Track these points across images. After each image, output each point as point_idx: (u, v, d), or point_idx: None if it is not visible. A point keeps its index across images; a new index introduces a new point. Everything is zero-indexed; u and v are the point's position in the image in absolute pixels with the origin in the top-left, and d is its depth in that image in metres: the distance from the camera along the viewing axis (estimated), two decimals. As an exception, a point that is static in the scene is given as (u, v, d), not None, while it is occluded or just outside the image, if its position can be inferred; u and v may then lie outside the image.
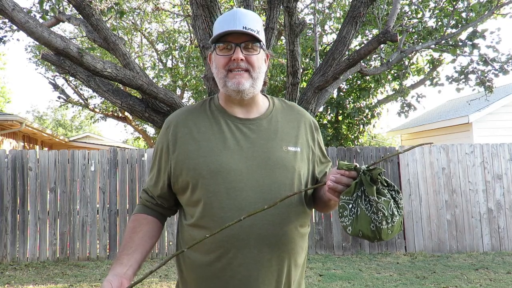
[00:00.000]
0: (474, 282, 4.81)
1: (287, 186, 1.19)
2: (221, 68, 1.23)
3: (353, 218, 1.10)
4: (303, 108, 1.69)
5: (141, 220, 1.29)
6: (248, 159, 1.19)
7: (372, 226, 1.09)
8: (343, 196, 1.11)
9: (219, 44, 1.23)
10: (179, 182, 1.23)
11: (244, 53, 1.21)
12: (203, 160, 1.20)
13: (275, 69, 9.61)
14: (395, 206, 1.11)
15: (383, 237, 1.09)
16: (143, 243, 1.23)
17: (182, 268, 1.27)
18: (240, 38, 1.21)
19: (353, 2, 3.81)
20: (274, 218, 1.17)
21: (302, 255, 1.26)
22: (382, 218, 1.08)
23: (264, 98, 1.35)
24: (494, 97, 9.92)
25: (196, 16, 3.49)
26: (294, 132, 1.29)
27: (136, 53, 12.82)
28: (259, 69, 1.24)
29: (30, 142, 12.20)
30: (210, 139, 1.23)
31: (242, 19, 1.21)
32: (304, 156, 1.26)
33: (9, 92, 26.15)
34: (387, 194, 1.09)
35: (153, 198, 1.31)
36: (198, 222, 1.19)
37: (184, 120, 1.28)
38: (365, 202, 1.09)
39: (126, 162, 6.20)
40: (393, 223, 1.09)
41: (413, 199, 6.49)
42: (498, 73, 5.98)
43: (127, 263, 1.16)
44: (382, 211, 1.07)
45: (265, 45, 1.29)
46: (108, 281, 1.09)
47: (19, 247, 5.84)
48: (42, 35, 3.04)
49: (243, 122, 1.26)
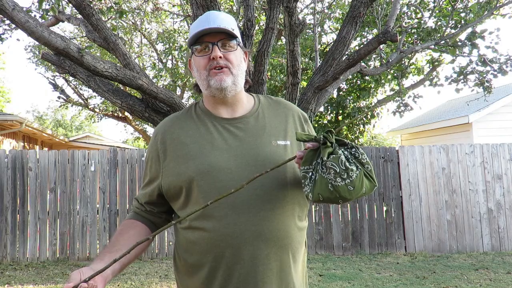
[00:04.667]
0: (474, 282, 4.82)
1: (280, 181, 1.19)
2: (202, 70, 1.24)
3: (312, 184, 1.10)
4: (303, 108, 1.69)
5: (129, 225, 1.29)
6: (238, 157, 1.19)
7: (329, 187, 1.07)
8: (302, 166, 1.11)
9: (196, 46, 1.25)
10: (171, 189, 1.23)
11: (222, 51, 1.22)
12: (192, 162, 1.20)
13: (275, 69, 9.61)
14: (352, 161, 1.08)
15: (345, 195, 1.07)
16: (129, 244, 1.16)
17: (180, 270, 1.27)
18: (216, 37, 1.22)
19: (353, 2, 3.81)
20: (269, 213, 1.16)
21: (301, 250, 1.25)
22: (335, 175, 1.06)
23: (248, 96, 1.35)
24: (494, 97, 9.93)
25: (196, 16, 3.49)
26: (282, 126, 1.29)
27: (136, 53, 12.82)
28: (238, 66, 1.25)
29: (30, 142, 12.20)
30: (198, 141, 1.23)
31: (215, 19, 1.23)
32: (294, 148, 1.25)
33: (8, 92, 26.14)
34: (340, 152, 1.08)
35: (142, 205, 1.32)
36: (193, 224, 1.19)
37: (171, 127, 1.29)
38: (322, 166, 1.08)
39: (126, 162, 6.20)
40: (350, 178, 1.06)
41: (413, 199, 6.49)
42: (497, 74, 5.98)
43: (108, 261, 1.09)
44: (333, 168, 1.06)
45: (242, 43, 1.30)
46: (79, 271, 1.03)
47: (19, 247, 5.83)
48: (42, 34, 3.04)
49: (229, 122, 1.26)
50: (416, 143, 12.12)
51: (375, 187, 1.13)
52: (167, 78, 12.52)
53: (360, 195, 1.09)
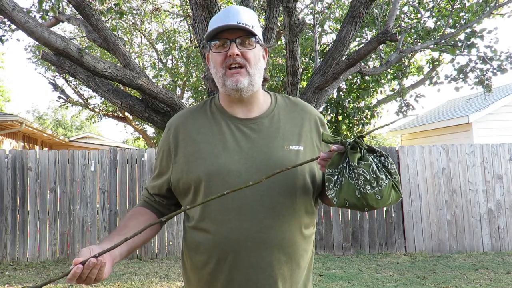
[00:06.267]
0: (474, 282, 4.82)
1: (288, 188, 1.16)
2: (219, 67, 1.21)
3: (338, 188, 1.07)
4: None
5: (139, 211, 1.29)
6: (248, 160, 1.17)
7: (357, 193, 1.04)
8: (328, 169, 1.08)
9: (214, 41, 1.21)
10: (180, 185, 1.23)
11: (240, 48, 1.19)
12: (202, 162, 1.19)
13: (275, 69, 9.61)
14: (381, 169, 1.06)
15: (372, 203, 1.04)
16: (138, 229, 1.20)
17: (186, 268, 1.27)
18: (235, 34, 1.19)
19: (353, 2, 3.81)
20: (274, 221, 1.14)
21: (306, 257, 1.23)
22: (365, 183, 1.03)
23: (266, 95, 1.32)
24: (494, 97, 9.93)
25: (196, 16, 3.49)
26: (297, 130, 1.25)
27: (136, 53, 12.82)
28: (255, 64, 1.22)
29: (30, 142, 12.20)
30: (210, 140, 1.21)
31: (236, 14, 1.19)
32: (307, 154, 1.22)
33: (8, 92, 26.15)
34: (370, 158, 1.05)
35: (152, 196, 1.32)
36: (198, 225, 1.19)
37: (184, 122, 1.28)
38: (349, 171, 1.06)
39: (126, 162, 6.20)
40: (379, 187, 1.03)
41: (413, 199, 6.49)
42: (497, 71, 5.97)
43: (117, 242, 1.11)
44: (363, 175, 1.03)
45: (262, 41, 1.27)
46: (89, 248, 1.03)
47: (19, 247, 5.84)
48: (42, 35, 3.04)
49: (243, 123, 1.24)
50: (416, 143, 12.12)
51: (400, 198, 1.10)
52: (167, 78, 12.52)
53: (386, 204, 1.06)
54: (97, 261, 0.98)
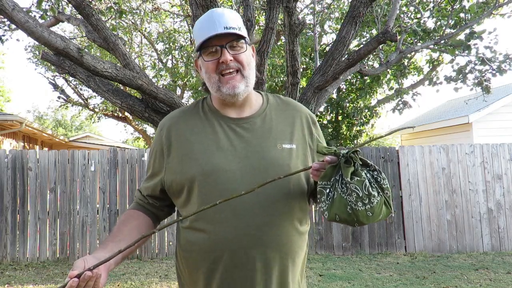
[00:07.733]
0: (474, 282, 4.81)
1: (283, 187, 1.17)
2: (212, 73, 1.21)
3: (329, 202, 1.07)
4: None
5: (132, 215, 1.29)
6: (242, 160, 1.18)
7: (348, 209, 1.04)
8: (320, 181, 1.08)
9: (204, 50, 1.21)
10: (173, 186, 1.23)
11: (232, 53, 1.19)
12: (196, 162, 1.19)
13: (275, 69, 9.61)
14: (374, 186, 1.05)
15: (362, 220, 1.05)
16: (132, 235, 1.19)
17: (181, 268, 1.27)
18: (223, 39, 1.18)
19: (353, 2, 3.81)
20: (269, 219, 1.15)
21: (301, 253, 1.24)
22: (357, 199, 1.03)
23: (257, 95, 1.33)
24: (494, 97, 9.93)
25: (196, 16, 3.49)
26: (289, 129, 1.26)
27: (136, 53, 12.82)
28: (249, 65, 1.22)
29: (30, 142, 12.20)
30: (203, 141, 1.21)
31: (220, 19, 1.18)
32: (299, 153, 1.23)
33: (8, 92, 26.14)
34: (363, 174, 1.04)
35: (145, 198, 1.32)
36: (193, 225, 1.19)
37: (177, 122, 1.28)
38: (342, 185, 1.05)
39: (126, 162, 6.20)
40: (371, 204, 1.04)
41: (413, 199, 6.49)
42: (496, 73, 5.97)
43: (111, 250, 1.10)
44: (355, 191, 1.03)
45: (249, 39, 1.26)
46: (83, 259, 1.03)
47: (19, 247, 5.83)
48: (42, 35, 3.04)
49: (236, 122, 1.24)
50: (416, 143, 12.12)
51: (391, 213, 1.10)
52: (167, 78, 12.52)
53: (376, 220, 1.07)
54: (92, 274, 0.98)
